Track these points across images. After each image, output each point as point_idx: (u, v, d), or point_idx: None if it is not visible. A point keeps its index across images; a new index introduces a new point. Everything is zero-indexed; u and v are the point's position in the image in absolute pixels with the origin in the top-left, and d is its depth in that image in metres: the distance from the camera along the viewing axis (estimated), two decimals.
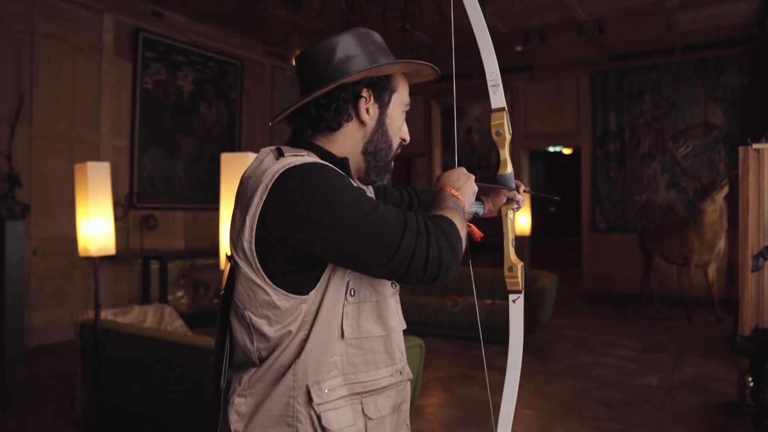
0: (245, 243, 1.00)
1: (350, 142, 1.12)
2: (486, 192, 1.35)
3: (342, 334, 1.03)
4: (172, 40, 6.70)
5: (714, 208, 5.92)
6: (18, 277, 4.97)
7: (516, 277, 1.25)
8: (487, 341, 1.45)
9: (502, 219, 1.31)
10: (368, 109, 1.11)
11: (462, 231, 1.05)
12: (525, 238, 8.10)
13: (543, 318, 5.26)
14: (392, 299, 1.13)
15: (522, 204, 1.35)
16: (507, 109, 1.28)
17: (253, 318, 1.02)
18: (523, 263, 1.27)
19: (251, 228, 0.99)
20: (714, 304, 6.20)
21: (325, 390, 1.01)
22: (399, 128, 1.16)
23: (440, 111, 9.48)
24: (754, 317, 2.97)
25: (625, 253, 8.00)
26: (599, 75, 8.31)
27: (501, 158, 1.31)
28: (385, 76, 1.12)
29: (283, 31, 6.85)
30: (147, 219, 6.43)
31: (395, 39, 6.25)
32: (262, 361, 1.03)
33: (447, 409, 3.70)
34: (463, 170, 1.19)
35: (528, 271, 5.63)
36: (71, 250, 4.13)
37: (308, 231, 0.96)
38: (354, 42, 1.09)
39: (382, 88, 1.11)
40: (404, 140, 1.18)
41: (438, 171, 9.50)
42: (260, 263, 1.00)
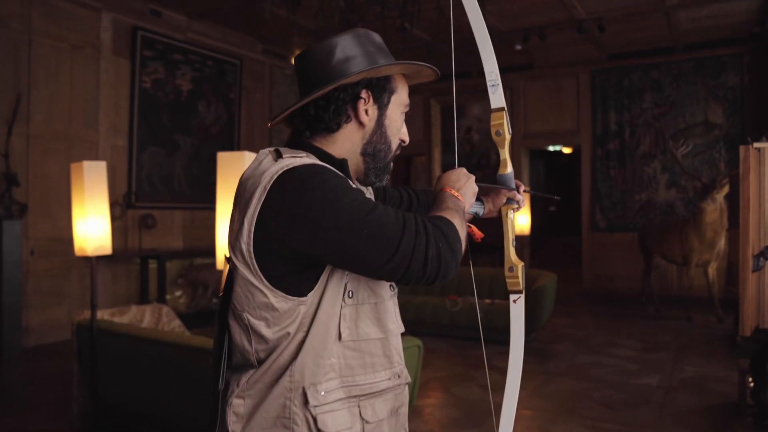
0: (243, 245, 1.00)
1: (349, 144, 1.11)
2: (486, 192, 1.34)
3: (339, 336, 1.03)
4: (171, 39, 6.68)
5: (714, 208, 5.90)
6: (16, 277, 4.97)
7: (517, 278, 1.25)
8: (487, 341, 1.44)
9: (503, 219, 1.31)
10: (367, 111, 1.10)
11: (462, 232, 1.05)
12: (525, 237, 8.10)
13: (543, 318, 5.25)
14: (390, 302, 1.13)
15: (522, 204, 1.34)
16: (506, 109, 1.28)
17: (252, 320, 1.02)
18: (524, 263, 1.26)
19: (249, 230, 0.99)
20: (714, 304, 6.19)
21: (321, 392, 1.01)
22: (398, 129, 1.16)
23: (440, 110, 9.47)
24: (755, 317, 2.96)
25: (625, 253, 7.99)
26: (599, 74, 8.30)
27: (501, 158, 1.31)
28: (384, 78, 1.12)
29: (282, 30, 6.84)
30: (145, 218, 6.41)
31: (394, 37, 6.23)
32: (261, 363, 1.03)
33: (446, 410, 3.69)
34: (464, 171, 1.19)
35: (528, 271, 5.62)
36: (69, 250, 4.12)
37: (307, 232, 0.95)
38: (353, 43, 1.09)
39: (381, 90, 1.11)
40: (403, 141, 1.18)
41: (437, 170, 9.48)
42: (258, 265, 1.00)
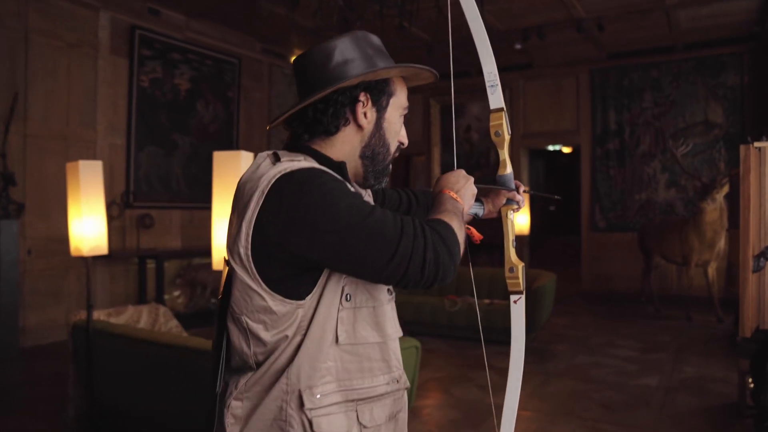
0: (241, 248, 1.00)
1: (348, 146, 1.11)
2: (486, 193, 1.34)
3: (336, 340, 1.03)
4: (169, 38, 6.66)
5: (714, 207, 5.89)
6: (13, 277, 4.95)
7: (517, 278, 1.25)
8: (486, 341, 1.44)
9: (502, 220, 1.31)
10: (366, 113, 1.10)
11: (460, 234, 1.05)
12: (524, 237, 8.08)
13: (542, 317, 5.23)
14: (389, 306, 1.13)
15: (522, 204, 1.35)
16: (506, 109, 1.28)
17: (250, 323, 1.02)
18: (524, 263, 1.25)
19: (247, 233, 0.99)
20: (714, 304, 6.18)
21: (317, 395, 1.01)
22: (397, 132, 1.16)
23: (439, 109, 9.45)
24: (755, 318, 2.94)
25: (625, 252, 7.98)
26: (599, 73, 8.28)
27: (500, 159, 1.31)
28: (383, 80, 1.12)
29: (281, 29, 6.82)
30: (143, 218, 6.39)
31: (393, 36, 6.22)
32: (259, 365, 1.03)
33: (444, 411, 3.67)
34: (463, 172, 1.19)
35: (527, 270, 5.59)
36: (66, 250, 4.10)
37: (305, 236, 0.96)
38: (352, 45, 1.09)
39: (380, 92, 1.11)
40: (402, 144, 1.19)
41: (437, 170, 9.47)
42: (256, 268, 1.00)
